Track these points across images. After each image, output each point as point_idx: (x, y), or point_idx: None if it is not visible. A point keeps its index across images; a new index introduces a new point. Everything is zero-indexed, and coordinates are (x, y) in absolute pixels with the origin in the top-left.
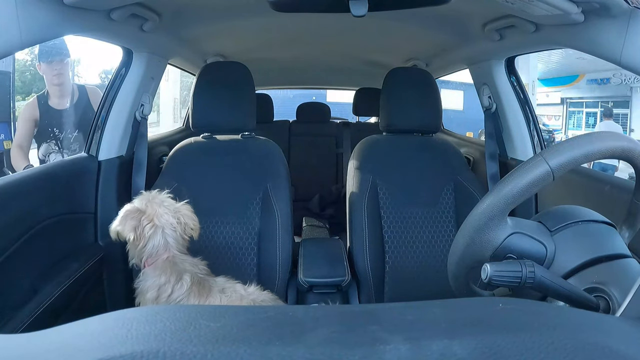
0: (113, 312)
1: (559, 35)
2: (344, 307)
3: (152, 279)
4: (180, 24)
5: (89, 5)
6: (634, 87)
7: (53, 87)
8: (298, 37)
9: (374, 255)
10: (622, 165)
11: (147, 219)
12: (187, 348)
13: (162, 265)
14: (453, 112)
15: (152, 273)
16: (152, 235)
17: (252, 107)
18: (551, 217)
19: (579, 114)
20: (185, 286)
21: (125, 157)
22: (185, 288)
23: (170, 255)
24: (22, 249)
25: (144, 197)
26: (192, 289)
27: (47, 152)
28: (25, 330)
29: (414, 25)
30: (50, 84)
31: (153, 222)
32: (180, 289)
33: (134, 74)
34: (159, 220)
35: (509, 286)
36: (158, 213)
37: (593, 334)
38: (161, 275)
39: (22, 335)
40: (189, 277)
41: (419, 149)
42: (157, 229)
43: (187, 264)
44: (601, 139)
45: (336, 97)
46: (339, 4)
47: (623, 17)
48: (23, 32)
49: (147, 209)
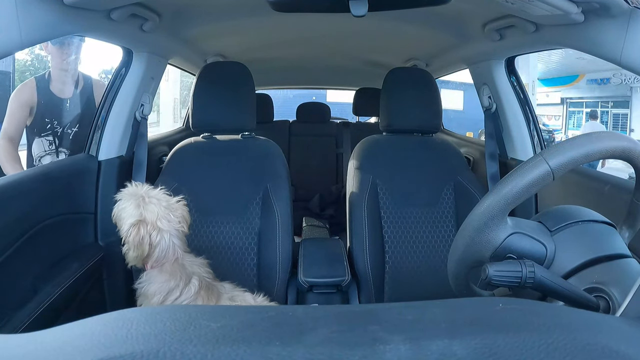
0: (113, 312)
1: (559, 35)
2: (344, 307)
3: (159, 283)
4: (180, 24)
5: (88, 5)
6: (634, 87)
7: (59, 71)
8: (298, 37)
9: (374, 255)
10: (621, 164)
11: (151, 226)
12: (187, 348)
13: (170, 269)
14: (453, 112)
15: (159, 276)
16: (159, 241)
17: (252, 107)
18: (551, 217)
19: (579, 114)
20: (193, 290)
21: (125, 157)
22: (193, 292)
23: (177, 257)
24: (22, 249)
25: (132, 195)
26: (200, 293)
27: (41, 152)
28: (25, 330)
29: (414, 25)
30: (57, 68)
31: (157, 227)
32: (188, 292)
33: (134, 74)
34: (162, 223)
35: (509, 286)
36: (159, 215)
37: (593, 334)
38: (170, 280)
39: (22, 335)
40: (197, 281)
41: (419, 149)
42: (164, 234)
43: (195, 266)
44: (601, 139)
45: (336, 97)
46: (339, 4)
47: (623, 17)
48: (23, 32)
49: (146, 215)
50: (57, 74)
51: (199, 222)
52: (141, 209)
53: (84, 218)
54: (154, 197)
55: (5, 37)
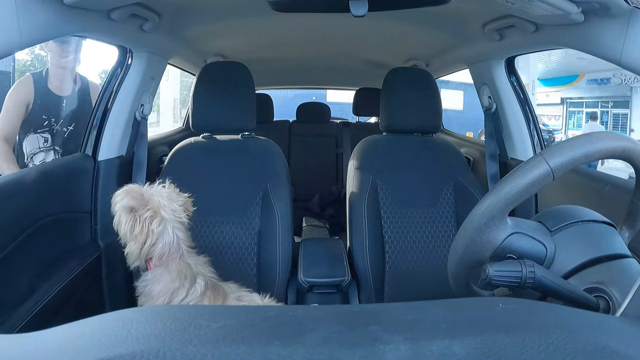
0: (113, 312)
1: (559, 35)
2: (344, 307)
3: (163, 283)
4: (180, 24)
5: (88, 5)
6: (634, 87)
7: (58, 69)
8: (298, 37)
9: (374, 255)
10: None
11: (152, 210)
12: (187, 348)
13: (176, 268)
14: (453, 112)
15: (165, 275)
16: (162, 232)
17: (252, 107)
18: (551, 217)
19: (579, 114)
20: (199, 290)
21: (125, 157)
22: (199, 292)
23: (183, 254)
24: (19, 248)
25: (130, 190)
26: (206, 293)
27: (34, 149)
28: (23, 329)
29: (414, 25)
30: (56, 65)
31: (160, 215)
32: (194, 293)
33: (134, 74)
34: (166, 212)
35: (509, 286)
36: (162, 204)
37: (593, 334)
38: (175, 280)
39: (22, 335)
40: (202, 281)
41: (419, 149)
42: (167, 224)
43: (199, 266)
44: (601, 139)
45: (336, 97)
46: (339, 4)
47: (623, 17)
48: (23, 32)
49: (149, 201)
50: (55, 71)
51: (199, 222)
52: (138, 201)
53: (81, 217)
54: (154, 189)
55: (5, 37)
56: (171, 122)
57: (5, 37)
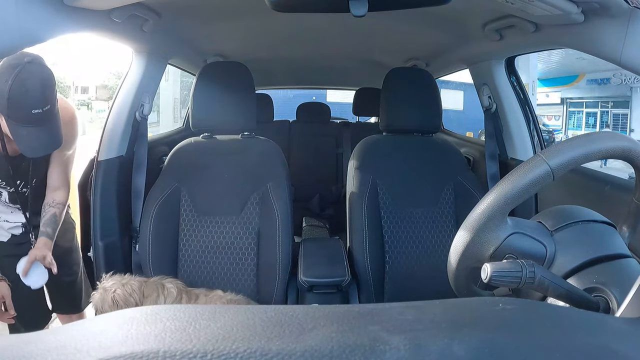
0: (113, 312)
1: (559, 35)
2: (344, 307)
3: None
4: (180, 24)
5: (89, 5)
6: (634, 87)
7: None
8: (298, 37)
9: (374, 255)
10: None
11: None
12: (187, 348)
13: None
14: (453, 112)
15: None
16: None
17: (252, 107)
18: (551, 217)
19: (579, 114)
20: (175, 292)
21: (125, 157)
22: (174, 294)
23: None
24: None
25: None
26: (182, 296)
27: None
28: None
29: (414, 25)
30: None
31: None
32: (170, 296)
33: (134, 73)
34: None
35: (509, 286)
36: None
37: (593, 334)
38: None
39: (22, 335)
40: (172, 286)
41: (419, 149)
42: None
43: (165, 281)
44: (601, 139)
45: (336, 97)
46: (339, 4)
47: (623, 17)
48: (23, 32)
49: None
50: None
51: (199, 222)
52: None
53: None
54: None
55: (5, 37)
56: (171, 122)
57: (5, 37)
